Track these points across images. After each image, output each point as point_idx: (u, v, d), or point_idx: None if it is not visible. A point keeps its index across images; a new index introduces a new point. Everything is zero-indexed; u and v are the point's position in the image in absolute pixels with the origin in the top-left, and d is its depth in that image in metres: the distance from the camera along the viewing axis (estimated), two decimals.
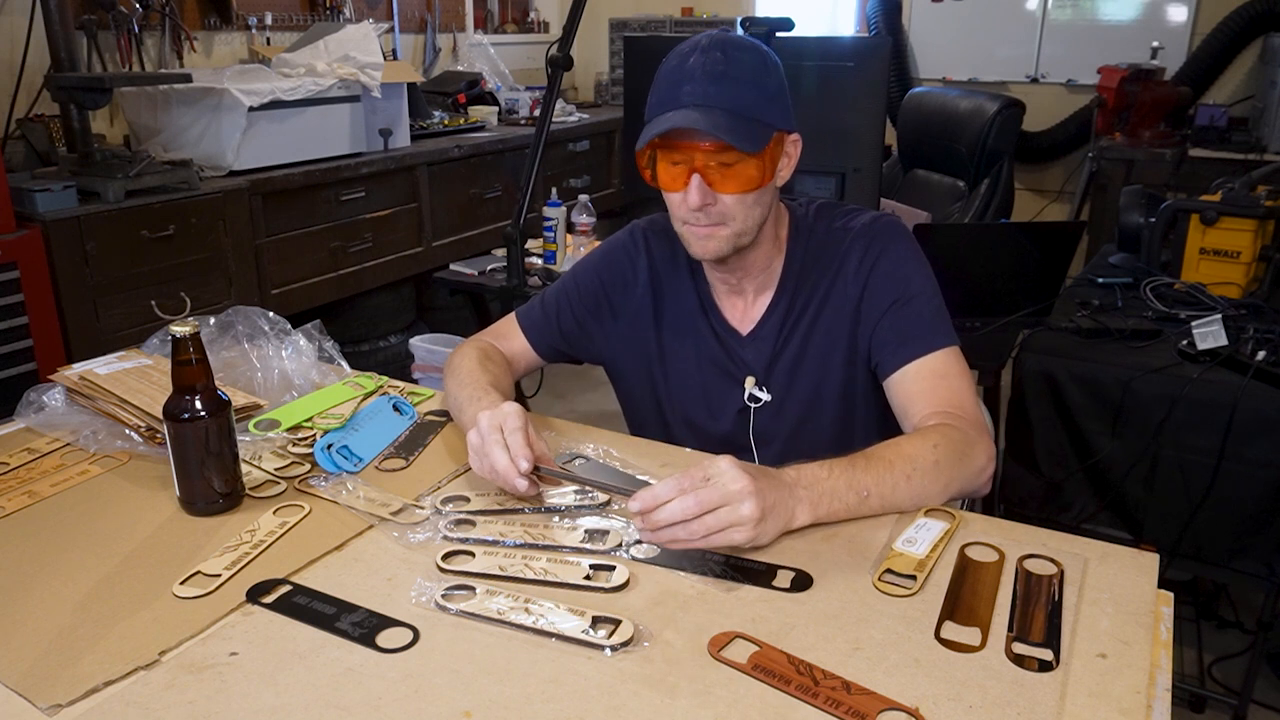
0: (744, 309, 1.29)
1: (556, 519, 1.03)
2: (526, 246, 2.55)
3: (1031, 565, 0.93)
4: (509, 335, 1.39)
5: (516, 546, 0.97)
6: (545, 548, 0.96)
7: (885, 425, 1.26)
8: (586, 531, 0.99)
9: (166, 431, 1.01)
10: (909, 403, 1.17)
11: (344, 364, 1.42)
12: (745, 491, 0.90)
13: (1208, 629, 2.19)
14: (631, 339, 1.35)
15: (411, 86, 3.41)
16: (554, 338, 1.38)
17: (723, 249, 1.17)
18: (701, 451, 1.21)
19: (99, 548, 0.97)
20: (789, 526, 0.97)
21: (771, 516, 0.93)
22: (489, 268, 2.67)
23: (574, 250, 2.70)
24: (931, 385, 1.16)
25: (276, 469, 1.14)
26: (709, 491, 0.90)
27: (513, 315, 1.42)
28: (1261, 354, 1.71)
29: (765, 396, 1.28)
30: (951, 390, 1.15)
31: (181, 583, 0.91)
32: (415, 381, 2.14)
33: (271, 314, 1.39)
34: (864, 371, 1.25)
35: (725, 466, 0.92)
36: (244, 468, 1.09)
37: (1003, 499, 1.96)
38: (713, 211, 1.14)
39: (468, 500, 1.06)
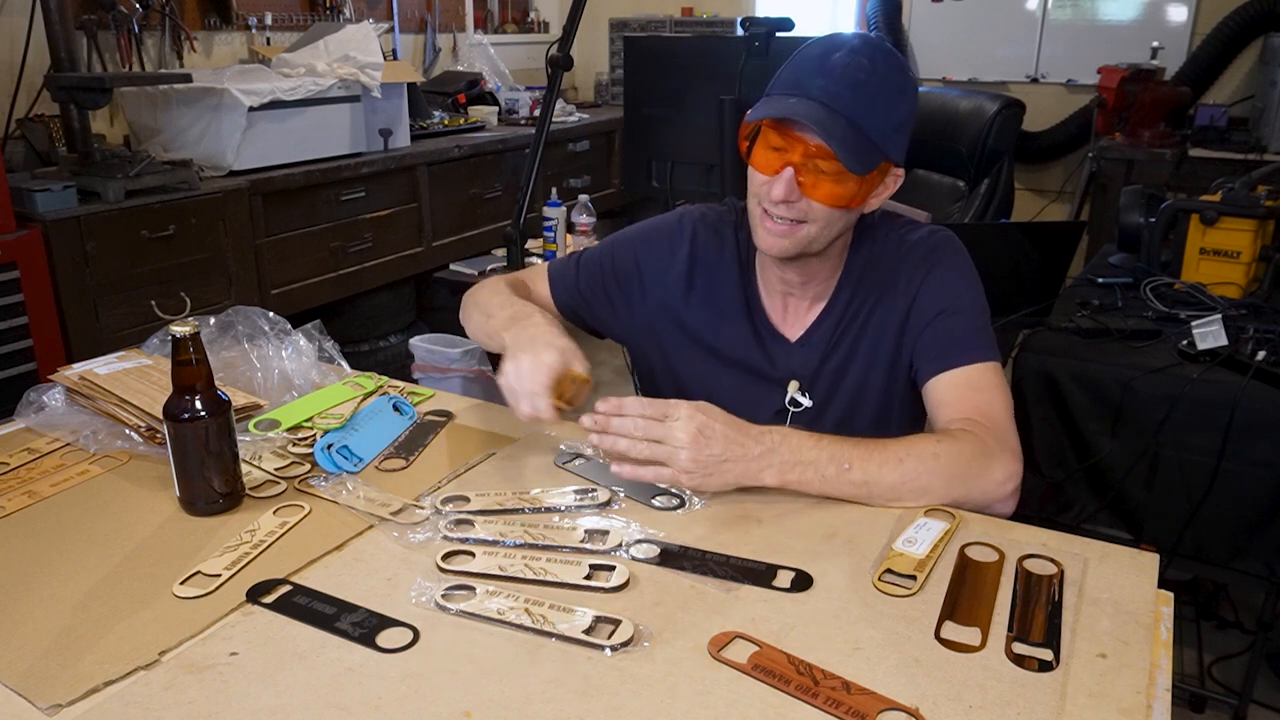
0: (796, 315, 1.28)
1: (556, 519, 1.03)
2: (526, 246, 2.55)
3: (1031, 565, 0.93)
4: (536, 279, 1.40)
5: (516, 546, 0.97)
6: (545, 548, 0.96)
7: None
8: (586, 531, 0.99)
9: (166, 431, 1.01)
10: (938, 410, 1.17)
11: (344, 364, 1.42)
12: (684, 442, 1.00)
13: (1208, 629, 2.19)
14: (656, 323, 1.33)
15: (411, 86, 3.42)
16: (576, 299, 1.37)
17: (789, 249, 1.15)
18: None
19: (99, 548, 0.97)
20: (748, 484, 1.03)
21: (719, 472, 1.02)
22: (489, 268, 2.67)
23: (574, 250, 2.70)
24: (963, 394, 1.15)
25: (276, 469, 1.14)
26: (658, 428, 1.01)
27: (544, 264, 1.42)
28: (1261, 354, 1.71)
29: (807, 402, 1.27)
30: (984, 402, 1.14)
31: (181, 583, 0.90)
32: (415, 381, 2.14)
33: (271, 314, 1.38)
34: (904, 381, 1.25)
35: (685, 414, 1.01)
36: (244, 468, 1.09)
37: None
38: (795, 207, 1.12)
39: (468, 500, 1.06)
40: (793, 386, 1.27)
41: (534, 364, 1.09)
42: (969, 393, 1.15)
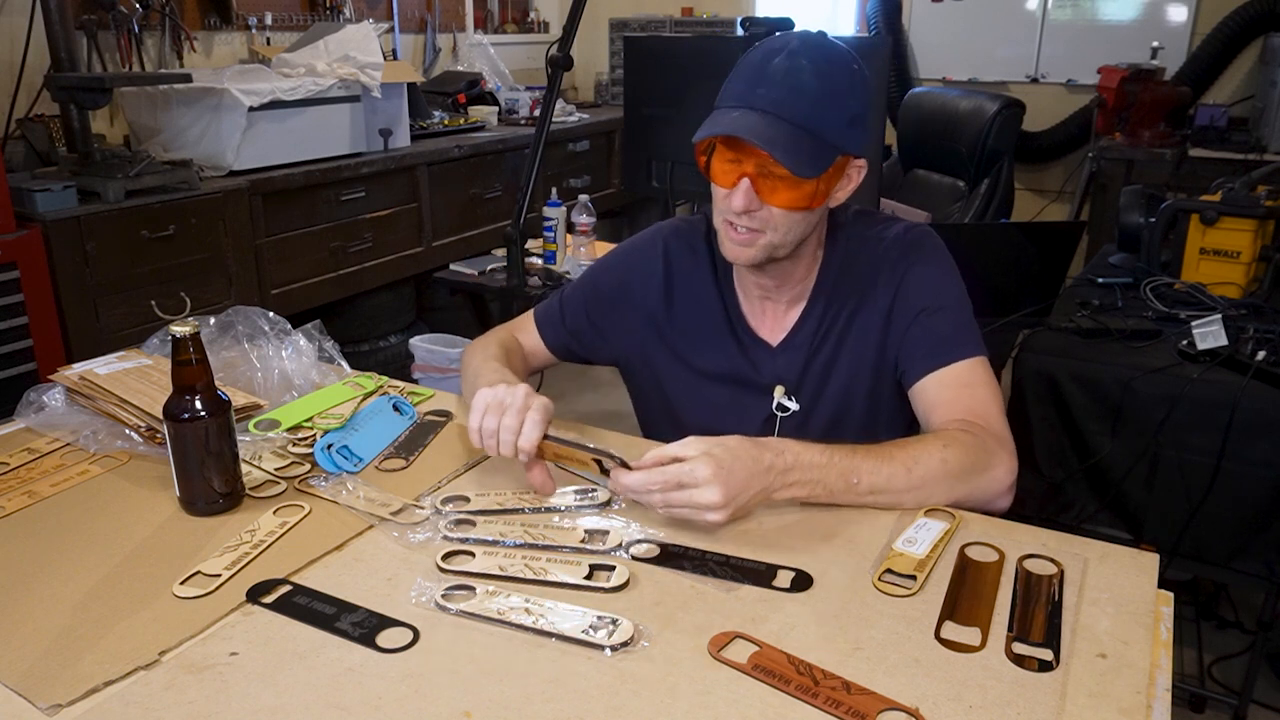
0: (775, 318, 1.27)
1: (556, 519, 1.03)
2: (526, 246, 2.55)
3: (1031, 565, 0.93)
4: (525, 329, 1.40)
5: (516, 546, 0.97)
6: (545, 548, 0.96)
7: (909, 435, 1.25)
8: (586, 531, 0.99)
9: (166, 431, 1.01)
10: (931, 411, 1.16)
11: (344, 364, 1.42)
12: (714, 505, 0.94)
13: (1208, 629, 2.19)
14: (643, 341, 1.34)
15: (411, 86, 3.41)
16: (565, 336, 1.38)
17: (756, 257, 1.16)
18: None
19: (99, 548, 0.97)
20: (765, 503, 1.02)
21: (741, 509, 0.98)
22: (489, 268, 2.67)
23: (574, 250, 2.70)
24: (955, 393, 1.15)
25: (276, 469, 1.14)
26: (680, 495, 0.95)
27: (531, 311, 1.42)
28: (1261, 354, 1.71)
29: (794, 406, 1.27)
30: (976, 400, 1.14)
31: (181, 583, 0.90)
32: (415, 381, 2.14)
33: (271, 314, 1.38)
34: (890, 380, 1.24)
35: (702, 475, 0.94)
36: (244, 468, 1.09)
37: None
38: (756, 217, 1.12)
39: (468, 500, 1.06)
40: (778, 391, 1.27)
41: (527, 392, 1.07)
42: (961, 390, 1.15)
